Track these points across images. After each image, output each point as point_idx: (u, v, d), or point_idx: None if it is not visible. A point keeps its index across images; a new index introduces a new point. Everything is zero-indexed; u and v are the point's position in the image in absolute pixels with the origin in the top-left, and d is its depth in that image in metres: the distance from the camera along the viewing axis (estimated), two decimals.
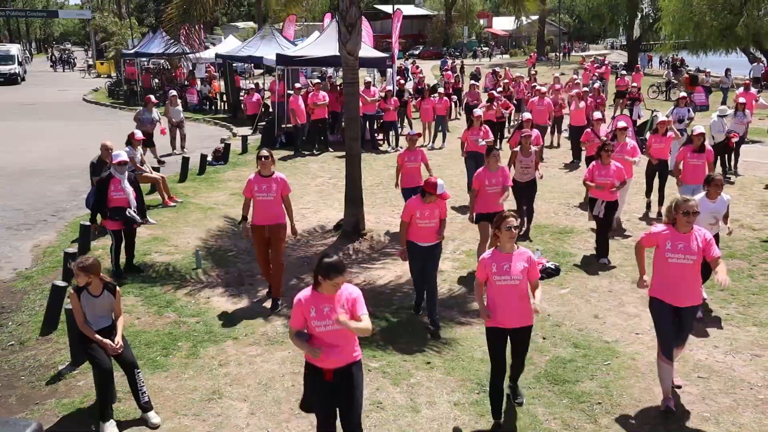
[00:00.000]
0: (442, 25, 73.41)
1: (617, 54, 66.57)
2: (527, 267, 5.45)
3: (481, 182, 8.74)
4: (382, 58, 20.05)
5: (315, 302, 4.64)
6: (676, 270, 5.71)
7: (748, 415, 5.82)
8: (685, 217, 5.65)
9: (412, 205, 7.40)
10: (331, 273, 4.53)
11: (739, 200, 12.07)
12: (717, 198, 7.60)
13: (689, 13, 38.97)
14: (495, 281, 5.44)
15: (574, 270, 9.25)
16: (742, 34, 37.40)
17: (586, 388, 6.28)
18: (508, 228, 5.42)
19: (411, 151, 10.57)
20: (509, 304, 5.44)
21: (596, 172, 9.35)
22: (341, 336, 4.66)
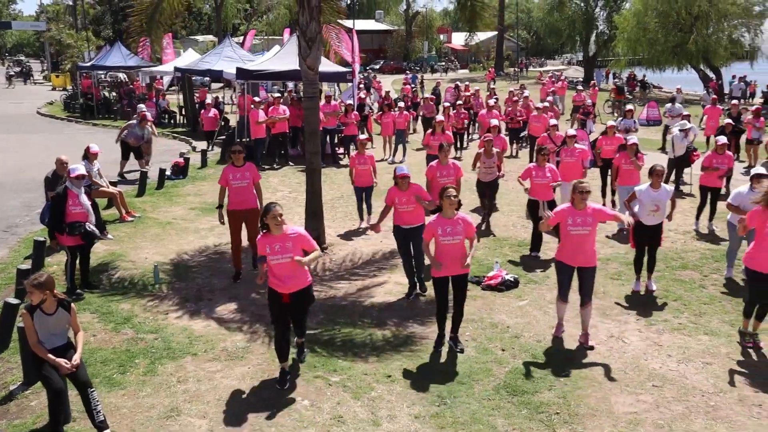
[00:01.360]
0: (402, 40, 74.01)
1: (574, 70, 67.92)
2: (464, 227, 6.88)
3: (433, 174, 9.94)
4: (343, 72, 20.12)
5: (269, 242, 6.31)
6: (576, 239, 7.16)
7: (699, 421, 5.96)
8: (580, 195, 7.09)
9: (392, 194, 8.59)
10: (266, 213, 6.27)
11: (692, 212, 12.38)
12: (659, 188, 8.61)
13: (643, 31, 40.15)
14: (441, 241, 6.90)
15: (532, 282, 9.38)
16: (693, 51, 38.56)
17: (545, 398, 6.37)
18: (448, 197, 6.82)
19: (361, 155, 11.80)
20: (452, 258, 6.89)
21: (533, 174, 10.15)
22: (292, 267, 6.32)
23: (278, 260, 6.29)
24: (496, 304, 8.61)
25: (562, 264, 7.42)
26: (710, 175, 11.37)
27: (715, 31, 39.77)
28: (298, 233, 6.43)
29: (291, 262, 6.26)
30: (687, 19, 39.25)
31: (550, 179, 10.17)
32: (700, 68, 42.51)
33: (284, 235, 6.32)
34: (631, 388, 6.54)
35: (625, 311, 8.40)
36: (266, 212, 6.31)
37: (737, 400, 6.31)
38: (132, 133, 15.85)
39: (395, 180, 8.63)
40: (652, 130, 24.68)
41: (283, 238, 6.31)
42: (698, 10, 38.76)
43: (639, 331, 7.82)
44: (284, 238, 6.31)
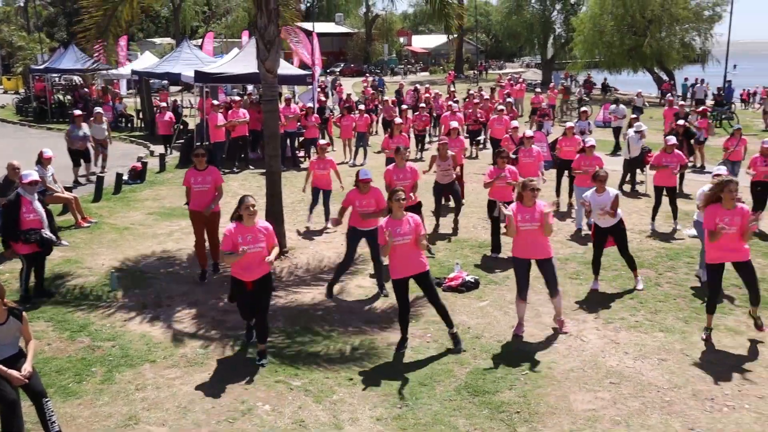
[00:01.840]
0: (362, 43, 74.06)
1: (533, 72, 68.72)
2: (413, 227, 7.00)
3: (390, 177, 9.93)
4: (303, 75, 20.05)
5: (241, 232, 6.75)
6: (526, 234, 7.41)
7: (655, 417, 6.09)
8: (531, 193, 7.38)
9: (351, 196, 8.68)
10: (240, 204, 6.76)
11: (648, 212, 12.63)
12: (603, 192, 8.88)
13: (599, 34, 40.85)
14: (393, 242, 6.91)
15: (492, 283, 9.47)
16: (648, 54, 39.41)
17: (506, 397, 6.43)
18: (397, 200, 7.00)
19: (321, 160, 11.98)
20: (406, 257, 7.03)
21: (493, 175, 10.30)
22: (258, 258, 6.78)
23: (249, 250, 6.69)
24: (457, 305, 8.66)
25: (517, 259, 7.63)
26: (661, 173, 11.62)
27: (668, 34, 40.71)
28: (268, 227, 6.98)
29: (260, 252, 6.76)
30: (641, 22, 40.11)
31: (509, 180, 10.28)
32: (654, 71, 43.48)
33: (255, 227, 6.81)
34: (589, 385, 6.65)
35: (584, 310, 8.53)
36: (240, 203, 6.78)
37: (691, 394, 6.46)
38: (75, 137, 15.54)
39: (357, 183, 8.68)
40: (607, 132, 25.07)
41: (255, 229, 6.80)
42: (652, 14, 39.67)
43: (597, 330, 7.94)
44: (255, 230, 6.80)
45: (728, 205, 7.18)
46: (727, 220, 7.15)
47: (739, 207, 7.21)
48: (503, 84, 33.36)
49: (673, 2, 39.40)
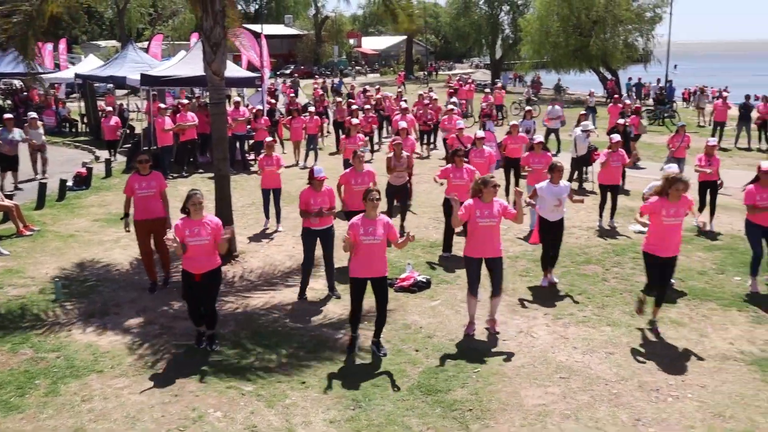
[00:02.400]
0: (312, 45, 73.82)
1: (482, 73, 69.53)
2: (385, 230, 7.06)
3: (347, 180, 9.79)
4: (252, 77, 19.88)
5: (189, 226, 7.04)
6: (484, 230, 7.47)
7: (603, 409, 6.22)
8: (493, 189, 7.50)
9: (305, 195, 8.60)
10: (188, 199, 7.07)
11: (595, 209, 12.89)
12: (559, 183, 9.03)
13: (546, 35, 41.58)
14: (362, 241, 6.96)
15: (444, 282, 9.53)
16: (593, 54, 40.28)
17: (458, 396, 6.48)
18: (371, 199, 7.04)
19: (269, 157, 11.97)
20: (373, 257, 7.05)
21: (451, 175, 10.31)
22: (206, 250, 7.09)
23: (195, 242, 7.00)
24: (409, 305, 8.70)
25: (469, 258, 7.68)
26: (606, 171, 11.88)
27: (612, 35, 41.64)
28: (215, 221, 7.28)
29: (207, 244, 7.06)
30: (587, 23, 40.97)
31: (468, 180, 10.27)
32: (599, 70, 44.44)
33: (202, 222, 7.10)
34: (539, 381, 6.75)
35: (534, 307, 8.66)
36: (188, 198, 7.09)
37: (637, 386, 6.61)
38: (4, 140, 15.09)
39: (311, 181, 8.64)
40: None
41: (201, 223, 7.09)
42: (596, 15, 40.54)
43: (546, 326, 8.07)
44: (202, 224, 7.09)
45: (674, 198, 7.43)
46: (673, 212, 7.39)
47: (684, 200, 7.46)
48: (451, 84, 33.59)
49: (616, 4, 40.35)
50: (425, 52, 76.15)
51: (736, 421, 6.00)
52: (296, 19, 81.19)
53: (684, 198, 7.49)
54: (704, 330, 7.92)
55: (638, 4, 42.68)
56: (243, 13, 75.12)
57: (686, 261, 10.22)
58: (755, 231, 9.00)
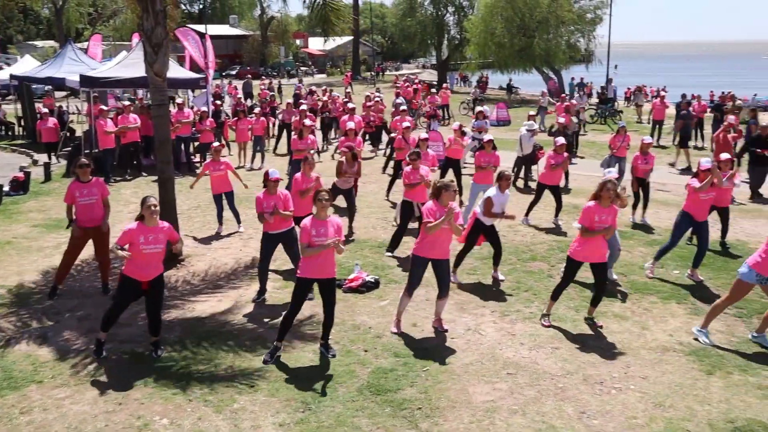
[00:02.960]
0: (258, 45, 73.16)
1: (428, 73, 70.00)
2: (335, 231, 7.03)
3: (299, 186, 9.75)
4: (196, 79, 19.59)
5: (144, 232, 6.87)
6: (439, 232, 7.40)
7: (549, 403, 6.33)
8: (454, 194, 7.52)
9: (261, 199, 8.52)
10: (142, 204, 6.94)
11: (540, 207, 13.11)
12: (505, 191, 9.24)
13: (490, 35, 42.09)
14: (315, 242, 6.92)
15: (393, 282, 9.56)
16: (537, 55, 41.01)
17: (407, 395, 6.51)
18: (320, 200, 7.02)
19: (216, 162, 11.73)
20: (324, 259, 7.00)
21: (411, 177, 10.43)
22: (159, 258, 7.01)
23: (150, 250, 6.89)
24: (358, 305, 8.70)
25: (418, 257, 7.70)
26: (548, 172, 12.08)
27: (555, 36, 42.46)
28: (168, 225, 7.18)
29: (158, 253, 6.97)
30: (530, 24, 41.65)
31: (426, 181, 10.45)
32: (543, 70, 45.25)
33: (157, 228, 6.99)
34: (487, 377, 6.83)
35: (481, 304, 8.76)
36: (142, 203, 6.96)
37: (582, 380, 6.76)
38: None
39: (265, 183, 8.58)
40: (501, 130, 25.94)
41: (157, 230, 6.98)
42: (540, 17, 41.26)
43: (494, 323, 8.18)
44: (157, 230, 6.98)
45: (605, 203, 7.62)
46: (604, 218, 7.57)
47: (613, 207, 7.66)
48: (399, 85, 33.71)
49: (558, 5, 41.14)
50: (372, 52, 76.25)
51: (676, 410, 6.19)
52: (241, 19, 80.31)
53: (614, 209, 7.71)
54: (645, 323, 8.15)
55: (579, 6, 43.65)
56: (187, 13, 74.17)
57: (628, 256, 10.49)
58: (685, 224, 9.38)
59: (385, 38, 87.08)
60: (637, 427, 5.96)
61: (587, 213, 7.66)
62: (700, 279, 9.51)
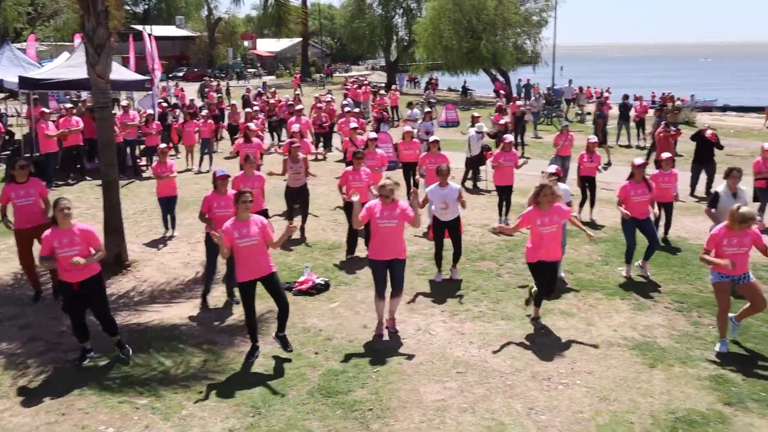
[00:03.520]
0: (205, 47, 72.19)
1: (378, 75, 70.17)
2: (260, 229, 6.96)
3: (237, 185, 9.52)
4: (141, 80, 19.23)
5: (57, 237, 6.75)
6: (385, 232, 7.51)
7: (499, 400, 6.42)
8: (390, 191, 7.46)
9: (209, 198, 8.43)
10: (54, 206, 6.79)
11: (488, 207, 13.30)
12: (447, 186, 9.25)
13: (438, 37, 42.43)
14: (238, 244, 6.88)
15: (343, 284, 9.56)
16: (485, 56, 41.52)
17: (358, 396, 6.51)
18: (244, 201, 6.92)
19: (163, 164, 11.67)
20: (252, 259, 6.95)
21: (350, 178, 10.35)
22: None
23: (66, 253, 6.72)
24: (308, 308, 8.67)
25: (373, 261, 7.71)
26: (500, 172, 12.27)
27: (502, 38, 43.05)
28: (85, 229, 6.93)
29: (78, 254, 6.75)
30: (478, 26, 42.14)
31: (366, 182, 10.45)
32: (491, 72, 45.84)
33: (71, 231, 6.81)
34: (437, 377, 6.89)
35: (431, 304, 8.82)
36: (54, 206, 6.83)
37: (530, 376, 6.87)
38: None
39: (214, 182, 8.48)
40: (450, 131, 26.15)
41: (71, 233, 6.80)
42: (486, 18, 41.77)
43: (444, 322, 8.24)
44: (72, 233, 6.80)
45: (545, 207, 7.71)
46: (547, 220, 7.69)
47: (555, 206, 7.76)
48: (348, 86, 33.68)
49: (504, 8, 41.72)
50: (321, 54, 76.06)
51: (620, 403, 6.35)
52: (188, 20, 79.14)
53: (557, 207, 7.77)
54: (591, 319, 8.32)
55: (525, 9, 44.35)
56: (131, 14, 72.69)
57: (574, 254, 10.70)
58: (628, 224, 9.61)
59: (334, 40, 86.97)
60: (584, 421, 6.09)
61: (527, 218, 7.76)
62: (648, 273, 9.75)
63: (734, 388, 6.60)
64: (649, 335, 7.82)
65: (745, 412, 6.18)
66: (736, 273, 7.11)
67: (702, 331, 7.89)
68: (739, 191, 9.25)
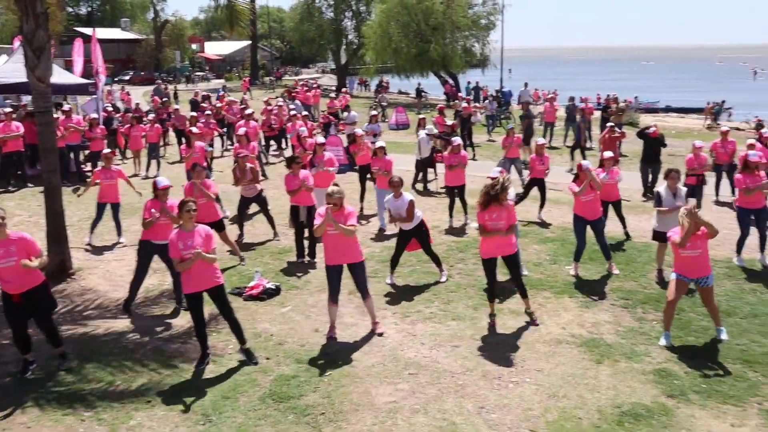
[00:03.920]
0: (152, 50, 70.94)
1: (328, 78, 70.03)
2: (203, 240, 6.84)
3: (191, 192, 9.69)
4: (84, 84, 18.78)
5: None
6: (336, 237, 7.50)
7: (450, 400, 6.47)
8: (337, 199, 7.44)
9: (150, 204, 8.32)
10: None
11: (438, 208, 13.38)
12: (400, 197, 9.31)
13: (388, 41, 42.56)
14: (183, 255, 6.77)
15: (294, 288, 9.50)
16: (434, 59, 41.84)
17: (310, 400, 6.49)
18: (187, 210, 6.86)
19: (107, 170, 11.38)
20: (197, 270, 6.82)
21: (290, 183, 10.44)
22: (18, 270, 6.53)
23: (3, 265, 6.56)
24: (259, 313, 8.60)
25: (327, 266, 7.72)
26: (451, 173, 12.38)
27: (451, 41, 43.43)
28: (20, 236, 6.72)
29: (16, 264, 6.55)
30: (426, 29, 42.42)
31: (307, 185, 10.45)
32: (440, 75, 46.20)
33: (7, 240, 6.60)
34: (389, 378, 6.90)
35: (383, 306, 8.83)
36: None
37: (481, 375, 6.94)
38: None
39: (154, 192, 8.43)
40: (401, 134, 26.27)
41: (7, 242, 6.60)
42: (435, 22, 42.11)
43: (395, 324, 8.27)
44: (7, 243, 6.60)
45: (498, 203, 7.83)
46: (495, 216, 7.80)
47: (506, 203, 7.88)
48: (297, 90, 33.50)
49: (453, 11, 42.10)
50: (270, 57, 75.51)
51: (569, 399, 6.46)
52: (134, 22, 77.68)
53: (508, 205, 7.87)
54: (540, 317, 8.44)
55: (473, 12, 44.80)
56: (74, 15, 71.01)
57: (523, 254, 10.81)
58: (578, 224, 9.80)
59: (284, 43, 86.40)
60: (533, 418, 6.18)
61: (479, 215, 7.88)
62: (616, 272, 9.92)
63: (677, 381, 6.80)
64: (596, 332, 7.99)
65: (687, 404, 6.37)
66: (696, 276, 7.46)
67: (646, 327, 8.10)
68: (679, 190, 9.53)
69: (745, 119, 32.56)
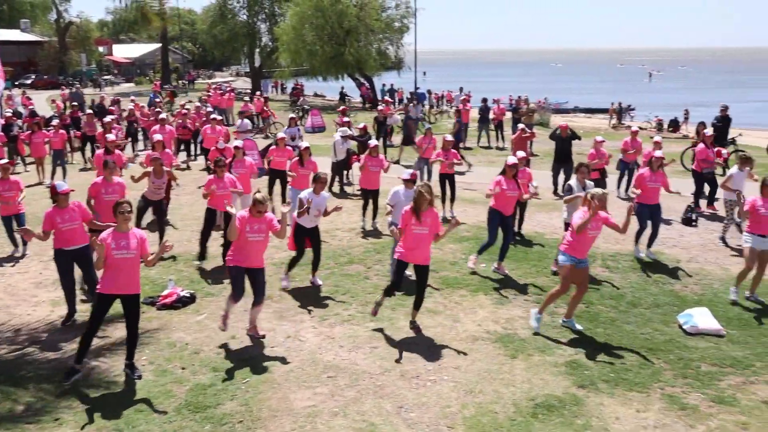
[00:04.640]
0: (56, 52, 67.98)
1: (243, 81, 69.04)
2: (138, 243, 6.80)
3: (98, 190, 9.64)
4: None
5: None
6: (253, 243, 7.51)
7: (369, 402, 6.49)
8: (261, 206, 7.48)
9: (51, 215, 8.02)
10: None
11: (354, 210, 13.39)
12: (320, 193, 9.32)
13: (302, 43, 42.33)
14: (114, 255, 6.64)
15: (209, 295, 9.31)
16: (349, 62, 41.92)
17: (228, 409, 6.37)
18: (122, 212, 6.76)
19: (5, 181, 10.83)
20: (123, 273, 6.71)
21: (214, 186, 10.30)
22: None
23: None
24: (174, 322, 8.38)
25: (234, 267, 7.67)
26: (366, 175, 12.43)
27: (365, 43, 43.56)
28: None
29: None
30: (341, 32, 42.44)
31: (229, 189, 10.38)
32: (356, 77, 46.32)
33: None
34: (308, 383, 6.86)
35: (300, 310, 8.77)
36: None
37: (400, 375, 7.00)
38: None
39: (53, 197, 8.11)
40: (317, 137, 26.17)
41: None
42: (349, 25, 42.17)
43: (314, 328, 8.23)
44: None
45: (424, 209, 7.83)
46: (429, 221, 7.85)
47: (431, 210, 7.90)
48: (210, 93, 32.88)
49: (366, 14, 42.28)
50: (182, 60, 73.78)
51: (485, 395, 6.60)
52: (34, 23, 74.21)
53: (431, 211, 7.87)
54: (457, 315, 8.59)
55: (387, 15, 45.12)
56: None
57: (439, 253, 11.00)
58: (495, 218, 10.03)
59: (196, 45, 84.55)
60: (451, 414, 6.27)
61: (403, 217, 7.88)
62: (506, 272, 10.19)
63: (586, 371, 7.06)
64: (510, 327, 8.19)
65: (596, 393, 6.62)
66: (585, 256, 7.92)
67: (558, 320, 8.36)
68: (587, 184, 9.94)
69: (646, 119, 34.26)
